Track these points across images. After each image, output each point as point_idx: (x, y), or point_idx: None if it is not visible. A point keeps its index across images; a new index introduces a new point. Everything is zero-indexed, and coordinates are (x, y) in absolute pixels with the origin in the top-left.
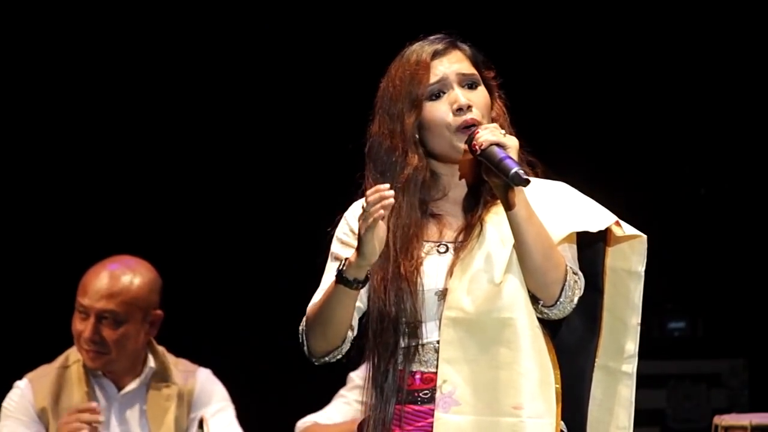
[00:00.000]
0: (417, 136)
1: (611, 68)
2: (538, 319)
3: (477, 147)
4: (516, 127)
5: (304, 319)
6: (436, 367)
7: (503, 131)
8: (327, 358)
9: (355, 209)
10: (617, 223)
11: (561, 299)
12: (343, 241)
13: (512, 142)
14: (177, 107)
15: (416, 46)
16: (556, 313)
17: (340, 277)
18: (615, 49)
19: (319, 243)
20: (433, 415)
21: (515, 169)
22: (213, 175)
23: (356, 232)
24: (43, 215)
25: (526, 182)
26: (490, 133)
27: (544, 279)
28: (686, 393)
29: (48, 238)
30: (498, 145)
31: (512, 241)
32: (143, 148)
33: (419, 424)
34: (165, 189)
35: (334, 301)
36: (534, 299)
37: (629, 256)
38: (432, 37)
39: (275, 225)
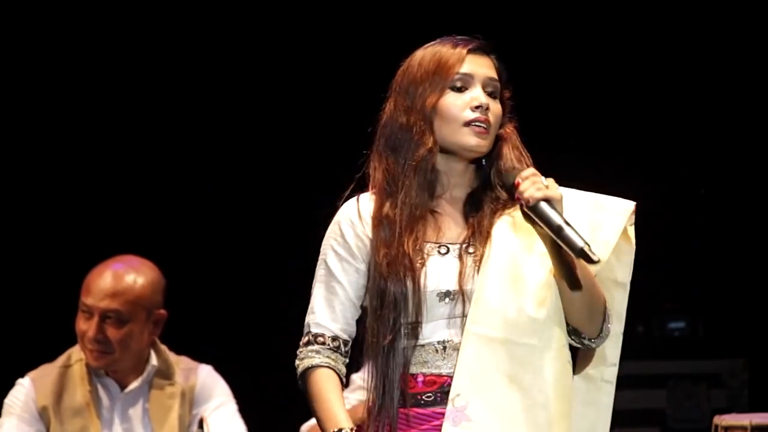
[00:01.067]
0: (433, 119)
1: (611, 69)
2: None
3: (523, 202)
4: (516, 127)
5: (303, 374)
6: (439, 368)
7: (544, 180)
8: None
9: (349, 211)
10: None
11: (603, 330)
12: (336, 252)
13: (557, 194)
14: (179, 108)
15: (449, 40)
16: (598, 343)
17: None
18: (615, 49)
19: (320, 241)
20: (436, 418)
21: (581, 245)
22: (216, 176)
23: (349, 241)
24: (46, 215)
25: (596, 262)
26: (535, 189)
27: (590, 315)
28: (686, 393)
29: (51, 238)
30: (545, 200)
31: (542, 263)
32: (146, 148)
33: (423, 427)
34: (168, 189)
35: None
36: (576, 332)
37: (615, 267)
38: (466, 37)
39: (277, 225)
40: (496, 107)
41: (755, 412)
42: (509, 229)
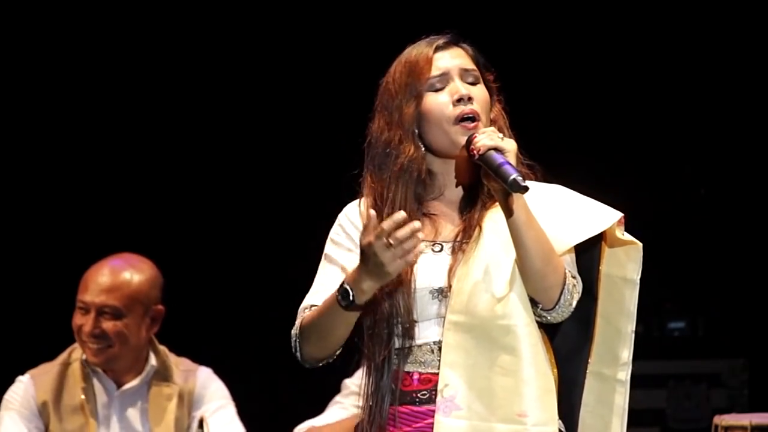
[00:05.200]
0: (416, 129)
1: (611, 69)
2: (537, 323)
3: (475, 151)
4: (515, 128)
5: (298, 327)
6: (435, 368)
7: (501, 135)
8: (320, 364)
9: (349, 211)
10: (620, 222)
11: (560, 303)
12: (336, 242)
13: (510, 146)
14: (177, 107)
15: (418, 44)
16: (554, 317)
17: (349, 303)
18: (615, 49)
19: (320, 243)
20: (431, 416)
21: (514, 175)
22: (214, 173)
23: (350, 233)
24: (44, 214)
25: (525, 189)
26: (487, 138)
27: (543, 283)
28: (686, 393)
29: (50, 237)
30: (496, 149)
31: (511, 244)
32: (145, 146)
33: (417, 425)
34: (166, 187)
35: (338, 319)
36: (533, 303)
37: (625, 264)
38: (434, 36)
39: (276, 226)
40: (480, 93)
41: (755, 412)
42: (496, 220)
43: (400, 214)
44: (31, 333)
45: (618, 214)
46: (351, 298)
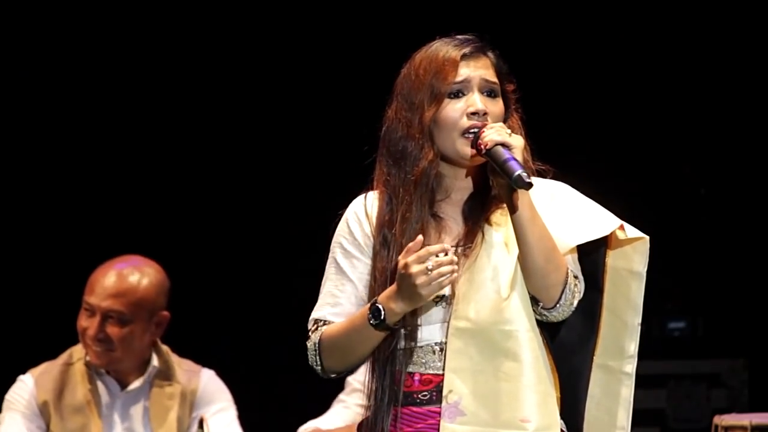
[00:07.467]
0: (431, 132)
1: (611, 69)
2: (537, 321)
3: (482, 146)
4: (521, 117)
5: (317, 341)
6: (436, 369)
7: (509, 131)
8: (340, 376)
9: (357, 207)
10: (621, 227)
11: (561, 302)
12: (345, 249)
13: (517, 142)
14: (184, 108)
15: (446, 43)
16: (555, 316)
17: (381, 324)
18: (615, 49)
19: (325, 245)
20: (432, 417)
21: (518, 171)
22: (221, 176)
23: (357, 238)
24: (49, 214)
25: (529, 186)
26: (495, 133)
27: (544, 281)
28: (686, 393)
29: (53, 237)
30: (503, 145)
31: (516, 248)
32: (152, 148)
33: (419, 425)
34: (173, 189)
35: (366, 337)
36: (533, 301)
37: (631, 256)
38: (462, 37)
39: (281, 228)
40: (495, 108)
41: (755, 412)
42: (500, 224)
43: (444, 246)
44: (33, 332)
45: (617, 223)
46: (382, 317)
